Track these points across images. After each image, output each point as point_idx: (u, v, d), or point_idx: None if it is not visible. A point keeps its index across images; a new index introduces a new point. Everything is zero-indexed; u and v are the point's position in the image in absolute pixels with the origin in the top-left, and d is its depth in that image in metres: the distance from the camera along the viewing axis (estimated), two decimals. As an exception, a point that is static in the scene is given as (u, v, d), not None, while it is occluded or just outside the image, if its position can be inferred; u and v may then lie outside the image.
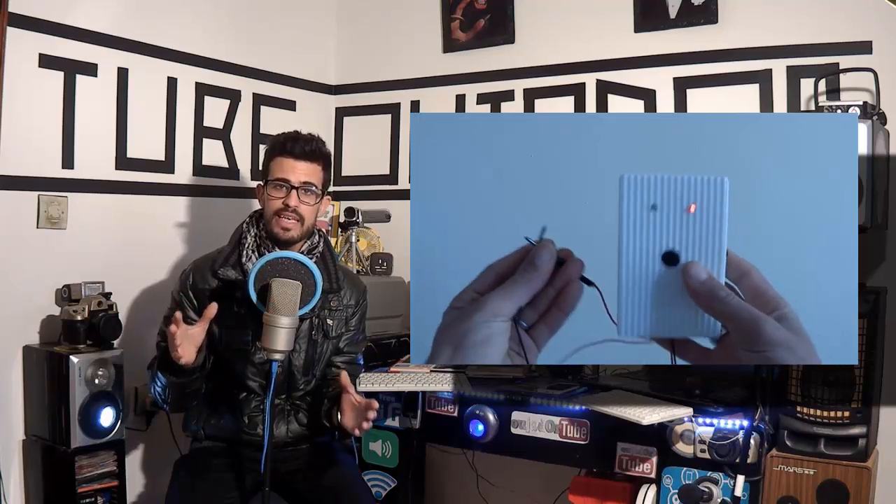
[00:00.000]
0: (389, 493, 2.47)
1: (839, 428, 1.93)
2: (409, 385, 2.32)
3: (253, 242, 2.02)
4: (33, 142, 2.29)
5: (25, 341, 2.30)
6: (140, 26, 2.55)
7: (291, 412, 2.07)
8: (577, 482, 2.22)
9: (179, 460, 2.13)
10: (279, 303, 1.77)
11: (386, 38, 3.20)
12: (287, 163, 1.99)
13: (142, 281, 2.58)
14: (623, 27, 2.68)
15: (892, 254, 2.26)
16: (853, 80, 2.31)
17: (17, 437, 2.28)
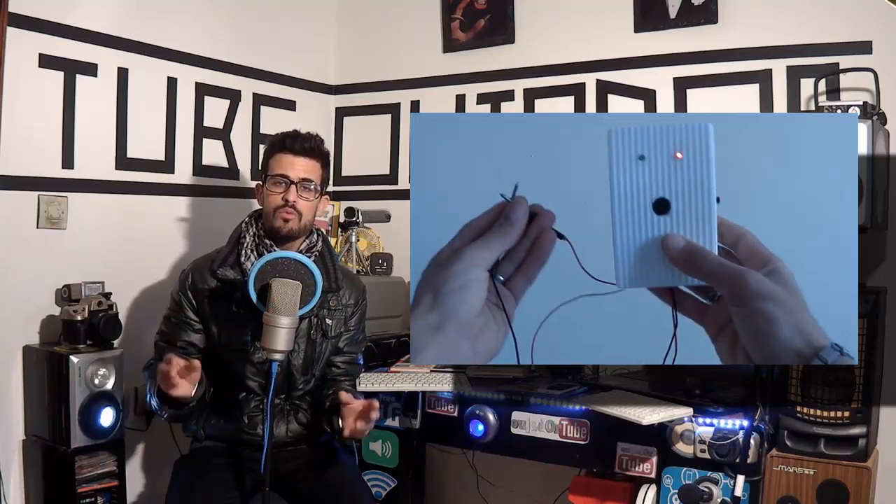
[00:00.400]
0: (389, 493, 2.47)
1: (839, 428, 1.93)
2: (409, 385, 2.32)
3: (251, 242, 2.02)
4: (33, 142, 2.29)
5: (25, 341, 2.30)
6: (140, 26, 2.55)
7: (291, 412, 2.07)
8: (577, 482, 2.22)
9: (179, 460, 2.13)
10: (279, 303, 1.77)
11: (386, 38, 3.20)
12: (286, 159, 2.00)
13: (142, 281, 2.58)
14: (623, 27, 2.68)
15: (892, 254, 2.26)
16: (853, 80, 2.31)
17: (17, 437, 2.28)
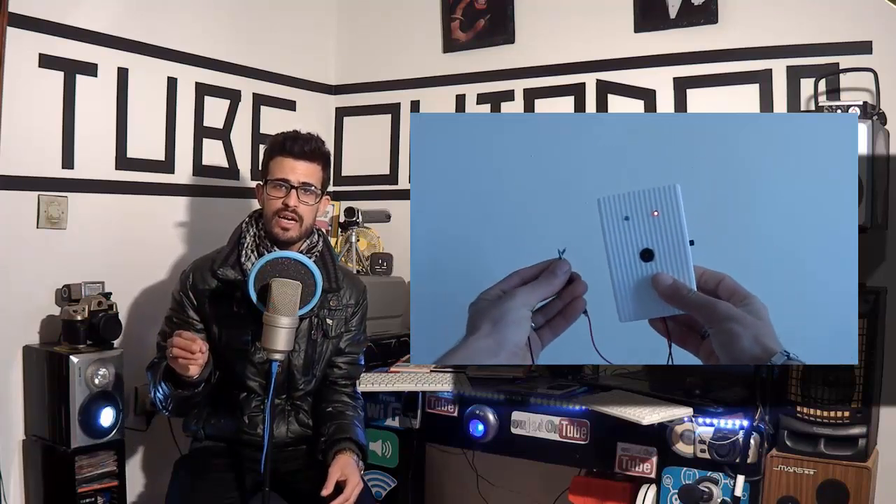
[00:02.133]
0: (389, 493, 2.47)
1: (839, 428, 1.93)
2: (409, 385, 2.32)
3: (252, 242, 2.02)
4: (33, 142, 2.29)
5: (25, 341, 2.29)
6: (140, 26, 2.54)
7: (291, 412, 2.07)
8: (577, 482, 2.22)
9: (179, 460, 2.13)
10: (279, 303, 1.77)
11: (386, 38, 3.20)
12: (286, 162, 1.99)
13: (142, 281, 2.57)
14: (623, 27, 2.68)
15: (892, 254, 2.26)
16: (853, 80, 2.31)
17: (17, 437, 2.28)
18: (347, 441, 1.97)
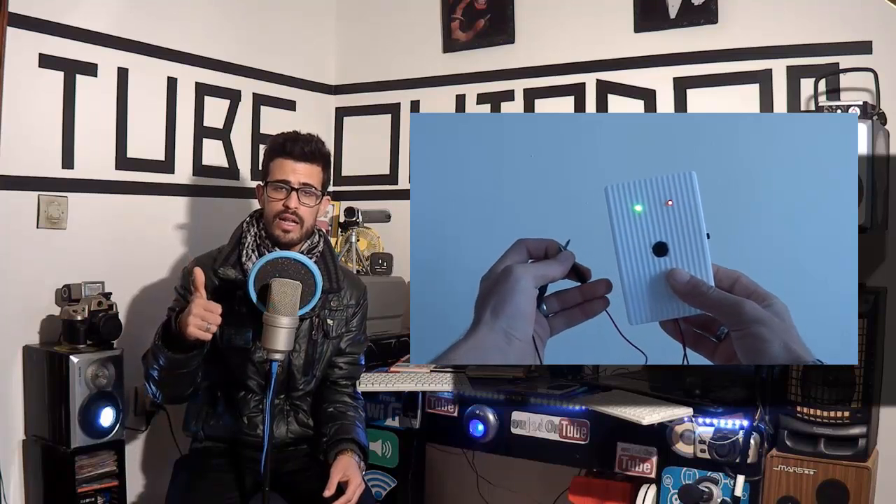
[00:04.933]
0: (389, 493, 2.47)
1: (839, 428, 1.93)
2: (409, 385, 2.32)
3: (253, 242, 2.02)
4: (33, 142, 2.29)
5: (25, 341, 2.29)
6: (140, 26, 2.54)
7: (291, 412, 2.07)
8: (577, 482, 2.22)
9: (179, 460, 2.13)
10: (279, 303, 1.77)
11: (386, 38, 3.20)
12: (287, 164, 1.99)
13: (142, 281, 2.57)
14: (623, 27, 2.68)
15: (892, 254, 2.26)
16: (853, 80, 2.31)
17: (17, 437, 2.28)
18: (349, 442, 1.97)
